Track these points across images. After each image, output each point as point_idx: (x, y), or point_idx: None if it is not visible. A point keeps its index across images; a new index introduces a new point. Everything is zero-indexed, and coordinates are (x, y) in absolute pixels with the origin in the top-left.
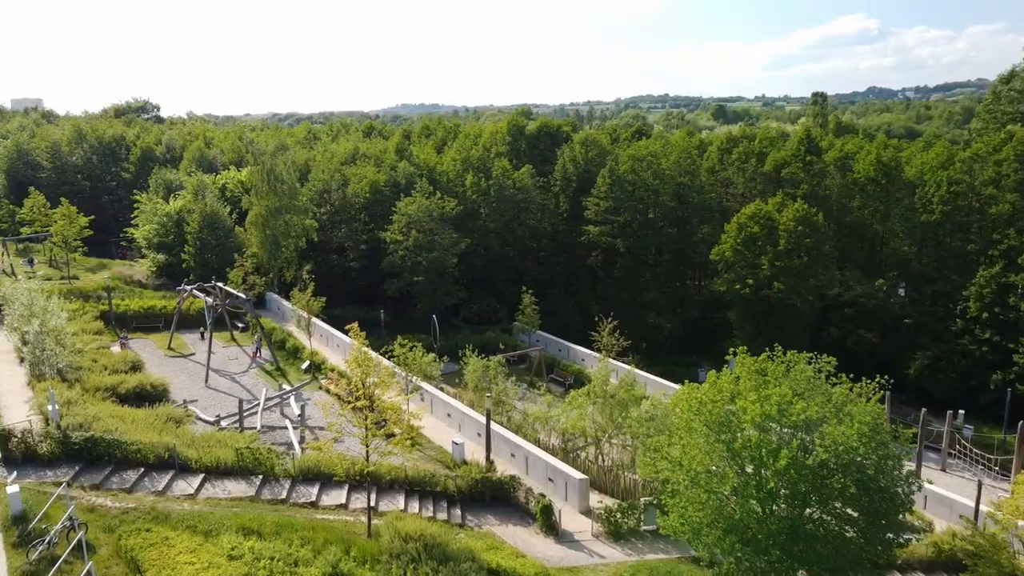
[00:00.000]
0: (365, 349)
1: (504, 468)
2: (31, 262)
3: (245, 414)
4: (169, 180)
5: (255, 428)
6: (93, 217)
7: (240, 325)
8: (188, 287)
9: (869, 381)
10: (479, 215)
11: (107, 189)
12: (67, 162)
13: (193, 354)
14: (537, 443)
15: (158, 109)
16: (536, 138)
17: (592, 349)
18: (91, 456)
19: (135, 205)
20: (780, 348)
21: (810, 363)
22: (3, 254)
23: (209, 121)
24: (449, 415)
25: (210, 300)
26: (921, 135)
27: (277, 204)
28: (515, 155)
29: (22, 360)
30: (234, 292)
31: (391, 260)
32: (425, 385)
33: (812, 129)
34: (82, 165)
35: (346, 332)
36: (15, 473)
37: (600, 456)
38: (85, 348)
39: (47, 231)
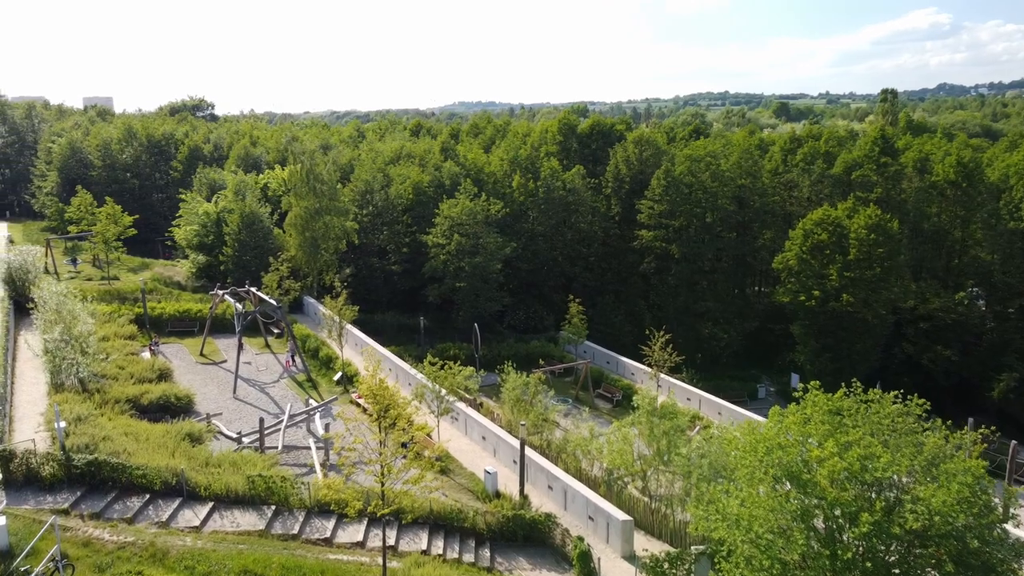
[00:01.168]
0: (381, 378)
1: (540, 502)
2: (74, 261)
3: (267, 432)
4: (213, 179)
5: (276, 448)
6: (137, 216)
7: (276, 331)
8: (220, 291)
9: (970, 429)
10: (526, 218)
11: (156, 187)
12: (117, 160)
13: (225, 361)
14: (578, 473)
15: (212, 107)
16: (588, 137)
17: (643, 363)
18: (95, 480)
19: (180, 204)
20: (857, 383)
21: (896, 402)
22: (47, 253)
23: (263, 119)
24: (484, 438)
25: (240, 307)
26: (1001, 134)
27: (317, 205)
28: (566, 155)
29: None
30: (266, 298)
31: (433, 264)
32: (460, 405)
33: (887, 128)
34: (131, 163)
35: (385, 345)
36: (3, 502)
37: (647, 491)
38: (110, 356)
39: (91, 230)
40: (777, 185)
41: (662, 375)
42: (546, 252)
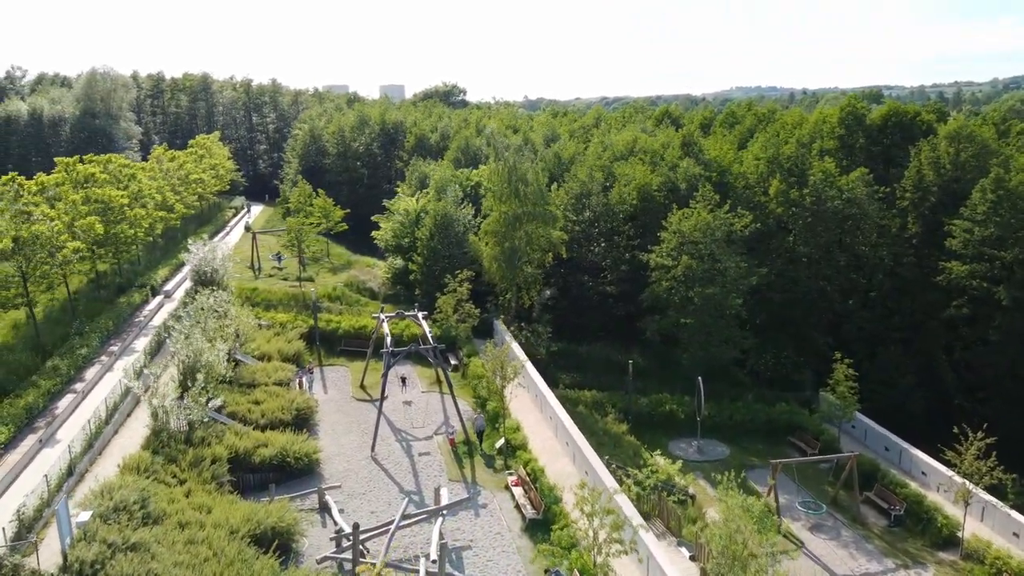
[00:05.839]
0: None
1: None
2: (279, 258)
3: (368, 537)
4: (423, 173)
5: (374, 565)
6: (348, 211)
7: (454, 361)
8: (381, 315)
9: None
10: (785, 235)
11: (387, 177)
12: (349, 149)
13: (387, 397)
14: None
15: (464, 93)
16: (880, 130)
17: (944, 461)
18: None
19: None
20: None
21: None
22: (252, 247)
23: (515, 106)
24: None
25: (389, 340)
26: None
27: (519, 210)
28: (847, 153)
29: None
30: (427, 330)
31: (653, 291)
32: (643, 536)
33: None
34: (363, 152)
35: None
36: None
37: None
38: (255, 385)
39: (282, 227)
40: None
41: (975, 490)
42: (809, 281)
